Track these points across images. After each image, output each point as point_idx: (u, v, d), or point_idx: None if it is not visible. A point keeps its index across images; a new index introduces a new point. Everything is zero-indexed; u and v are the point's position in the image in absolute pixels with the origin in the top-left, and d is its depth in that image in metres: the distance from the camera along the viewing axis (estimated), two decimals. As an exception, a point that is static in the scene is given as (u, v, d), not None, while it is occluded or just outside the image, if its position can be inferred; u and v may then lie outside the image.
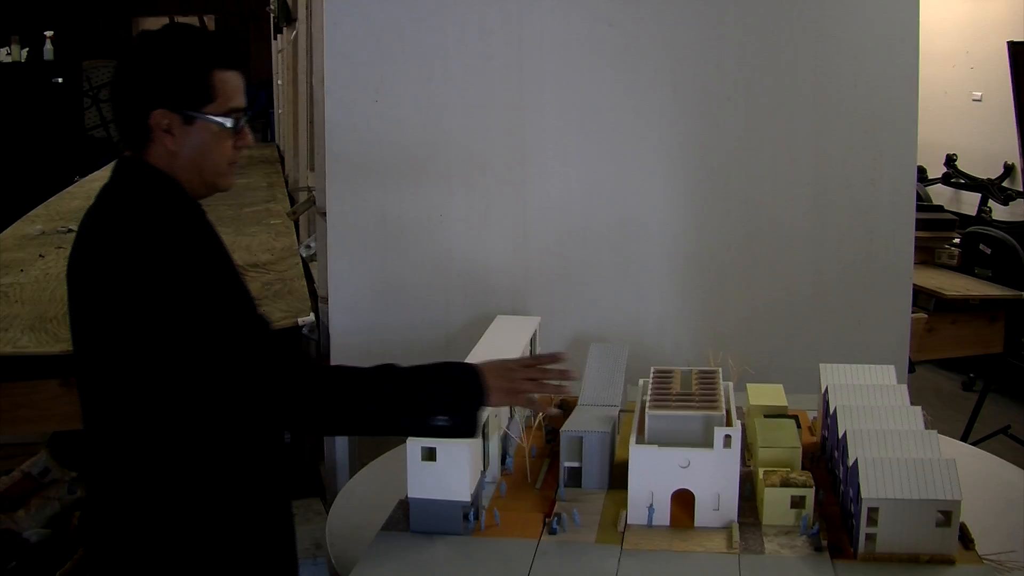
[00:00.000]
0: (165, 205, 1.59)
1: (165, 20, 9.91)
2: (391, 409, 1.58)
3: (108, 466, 1.63)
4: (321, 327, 2.84)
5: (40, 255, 3.66)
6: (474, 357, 2.15)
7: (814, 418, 2.21)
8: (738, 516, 1.73)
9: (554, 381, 1.71)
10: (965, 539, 1.65)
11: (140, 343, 1.52)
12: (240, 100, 1.62)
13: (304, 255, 3.68)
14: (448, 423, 1.59)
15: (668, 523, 1.74)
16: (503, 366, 1.69)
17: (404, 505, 1.77)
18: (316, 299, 2.97)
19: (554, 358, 1.74)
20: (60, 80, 7.88)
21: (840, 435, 1.84)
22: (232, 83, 1.61)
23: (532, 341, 2.36)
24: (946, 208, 4.74)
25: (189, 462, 1.59)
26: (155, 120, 1.57)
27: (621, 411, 2.10)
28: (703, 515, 1.73)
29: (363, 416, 1.59)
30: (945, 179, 5.92)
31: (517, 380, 1.67)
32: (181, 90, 1.57)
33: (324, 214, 2.72)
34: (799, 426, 1.95)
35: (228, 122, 1.60)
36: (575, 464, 1.90)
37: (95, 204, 1.64)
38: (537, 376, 1.70)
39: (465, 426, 1.61)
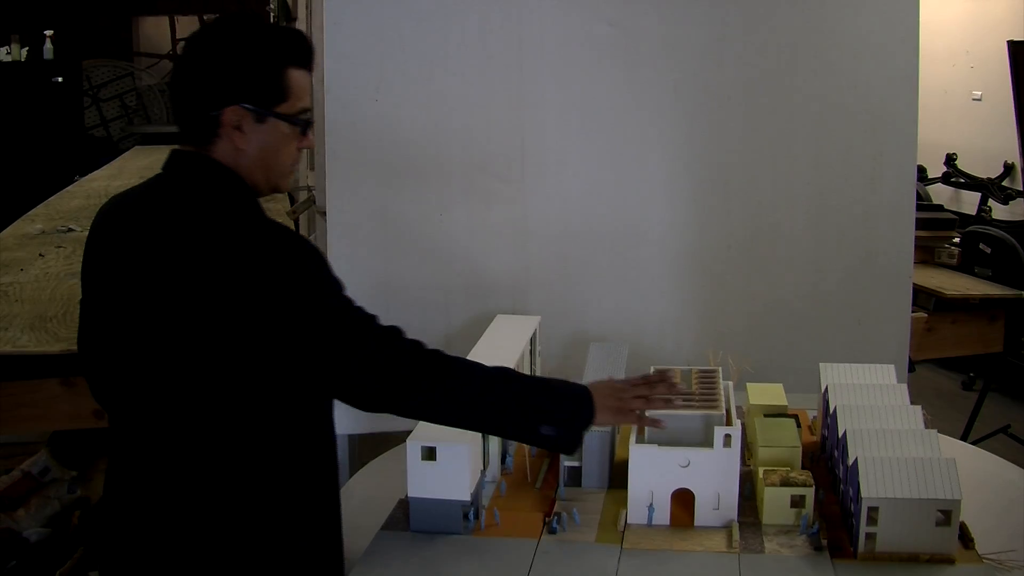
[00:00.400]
0: (239, 200, 1.55)
1: (165, 19, 9.92)
2: (504, 409, 1.57)
3: (164, 454, 1.54)
4: (321, 326, 2.84)
5: (40, 254, 3.66)
6: (474, 358, 2.15)
7: (814, 417, 2.21)
8: (738, 515, 1.74)
9: (663, 396, 1.70)
10: (965, 538, 1.65)
11: (250, 326, 1.45)
12: (308, 100, 1.58)
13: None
14: (553, 433, 1.58)
15: (668, 522, 1.74)
16: (613, 386, 1.69)
17: (404, 504, 1.77)
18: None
19: (663, 377, 1.74)
20: (60, 79, 7.87)
21: (840, 434, 1.84)
22: (303, 83, 1.56)
23: (532, 340, 2.36)
24: (946, 207, 4.73)
25: (254, 453, 1.53)
26: (227, 117, 1.50)
27: (621, 410, 2.10)
28: (703, 514, 1.73)
29: (478, 408, 1.57)
30: (945, 178, 5.91)
31: (626, 399, 1.67)
32: (257, 87, 1.51)
33: (324, 213, 2.72)
34: (799, 425, 1.96)
35: (299, 123, 1.56)
36: (575, 463, 1.90)
37: (153, 198, 1.57)
38: (646, 393, 1.69)
39: (570, 440, 1.61)
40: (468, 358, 1.69)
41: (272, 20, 6.74)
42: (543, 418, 1.58)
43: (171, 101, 1.58)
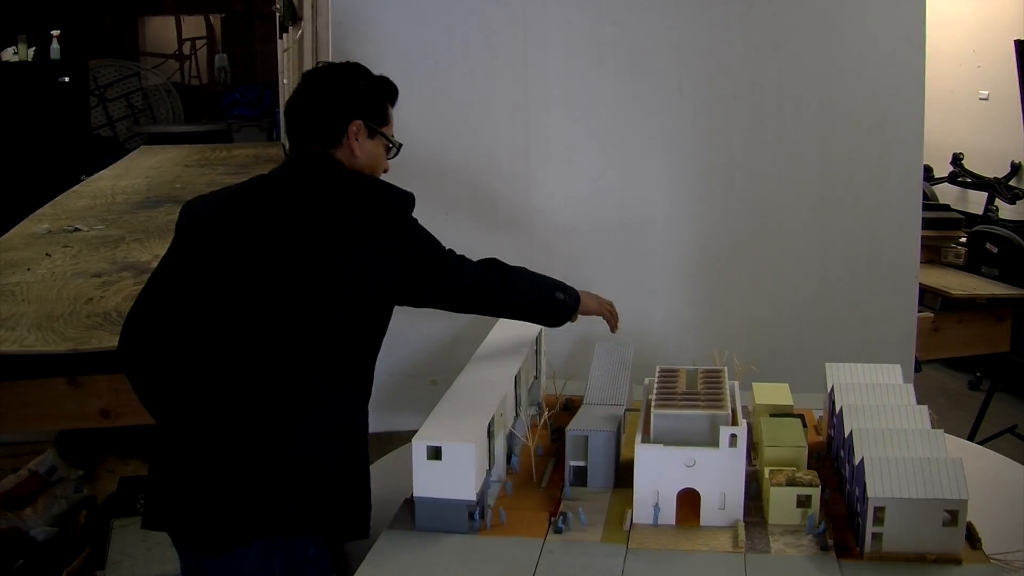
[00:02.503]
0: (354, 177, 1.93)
1: (171, 19, 9.93)
2: (537, 292, 2.09)
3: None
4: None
5: (47, 254, 3.67)
6: (479, 357, 2.16)
7: (820, 417, 2.21)
8: (744, 515, 1.73)
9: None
10: (972, 538, 1.65)
11: (373, 263, 1.84)
12: (392, 132, 2.02)
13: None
14: (564, 297, 2.11)
15: (674, 522, 1.74)
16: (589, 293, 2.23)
17: (410, 504, 1.77)
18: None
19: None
20: (67, 79, 7.88)
21: (846, 434, 1.84)
22: (393, 115, 2.02)
23: (538, 340, 2.36)
24: (952, 207, 4.72)
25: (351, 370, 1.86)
26: (352, 128, 1.91)
27: (626, 410, 2.10)
28: (709, 514, 1.73)
29: (525, 298, 2.07)
30: (951, 178, 5.90)
31: (602, 300, 2.25)
32: (372, 110, 1.95)
33: (330, 213, 2.72)
34: (805, 425, 1.95)
35: (394, 143, 2.00)
36: (581, 463, 1.90)
37: (287, 183, 1.90)
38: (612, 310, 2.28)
39: (573, 301, 2.14)
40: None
41: (278, 20, 6.75)
42: (555, 288, 2.12)
43: (295, 114, 1.96)
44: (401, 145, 2.04)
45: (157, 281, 1.89)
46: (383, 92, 2.01)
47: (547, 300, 2.10)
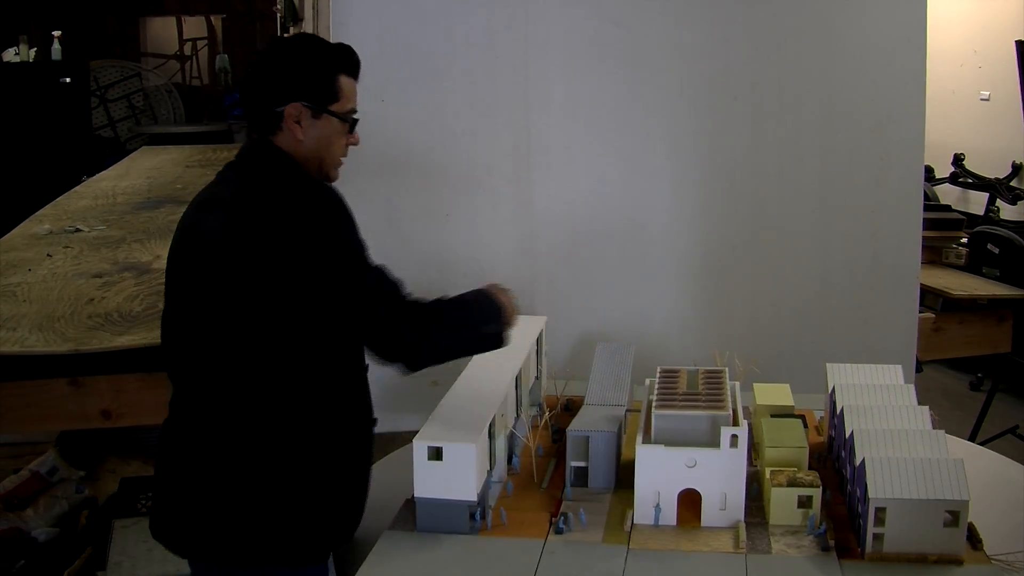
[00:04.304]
0: (292, 172, 1.79)
1: (172, 20, 9.94)
2: (472, 333, 1.88)
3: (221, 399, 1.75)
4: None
5: (48, 254, 3.67)
6: (480, 358, 2.15)
7: (821, 418, 2.21)
8: (745, 516, 1.73)
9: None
10: (973, 539, 1.65)
11: (294, 283, 1.68)
12: (355, 104, 1.86)
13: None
14: (495, 329, 1.89)
15: (675, 523, 1.74)
16: (496, 287, 1.97)
17: (411, 505, 1.77)
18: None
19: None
20: (68, 80, 7.88)
21: (847, 435, 1.84)
22: (351, 88, 1.84)
23: (539, 340, 2.36)
24: (953, 207, 4.72)
25: (298, 393, 1.74)
26: (290, 111, 1.76)
27: (627, 411, 2.10)
28: (710, 515, 1.73)
29: (454, 343, 1.86)
30: (952, 178, 5.89)
31: (509, 295, 1.97)
32: (315, 88, 1.78)
33: (331, 214, 2.72)
34: (806, 426, 1.95)
35: (348, 120, 1.83)
36: (581, 464, 1.90)
37: (228, 179, 1.81)
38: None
39: (502, 328, 1.90)
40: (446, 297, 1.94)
41: (279, 20, 6.75)
42: (482, 322, 1.89)
43: (241, 99, 1.84)
44: (356, 119, 1.86)
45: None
46: (332, 65, 1.82)
47: (476, 340, 1.89)
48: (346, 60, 1.85)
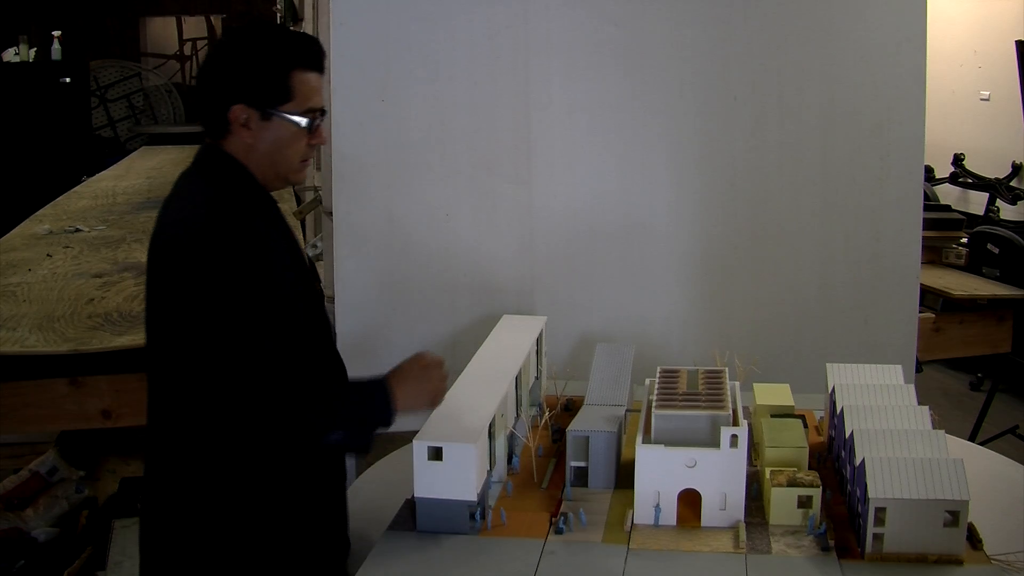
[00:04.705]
0: (238, 195, 1.65)
1: (172, 20, 9.94)
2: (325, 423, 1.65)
3: (166, 445, 1.68)
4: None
5: (48, 255, 3.67)
6: (480, 358, 2.15)
7: (821, 418, 2.21)
8: (745, 516, 1.73)
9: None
10: (973, 539, 1.65)
11: (192, 330, 1.56)
12: (318, 100, 1.69)
13: (311, 254, 3.68)
14: (342, 439, 1.67)
15: (675, 523, 1.74)
16: (421, 367, 1.73)
17: (411, 504, 1.77)
18: (322, 299, 2.98)
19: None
20: (68, 80, 7.89)
21: (847, 435, 1.84)
22: (311, 84, 1.67)
23: (539, 341, 2.36)
24: (953, 207, 4.71)
25: (239, 444, 1.62)
26: (234, 114, 1.63)
27: (627, 411, 2.10)
28: (710, 515, 1.73)
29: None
30: (952, 178, 5.89)
31: (435, 380, 1.74)
32: (261, 88, 1.63)
33: (330, 214, 2.73)
34: (806, 426, 1.95)
35: (303, 121, 1.66)
36: (581, 464, 1.90)
37: (176, 188, 1.70)
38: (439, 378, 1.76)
39: (361, 443, 1.68)
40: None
41: (279, 21, 6.75)
42: (337, 426, 1.65)
43: (195, 99, 1.72)
44: (316, 120, 1.68)
45: None
46: (283, 61, 1.64)
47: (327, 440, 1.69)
48: (302, 53, 1.67)
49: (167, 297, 1.59)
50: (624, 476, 1.88)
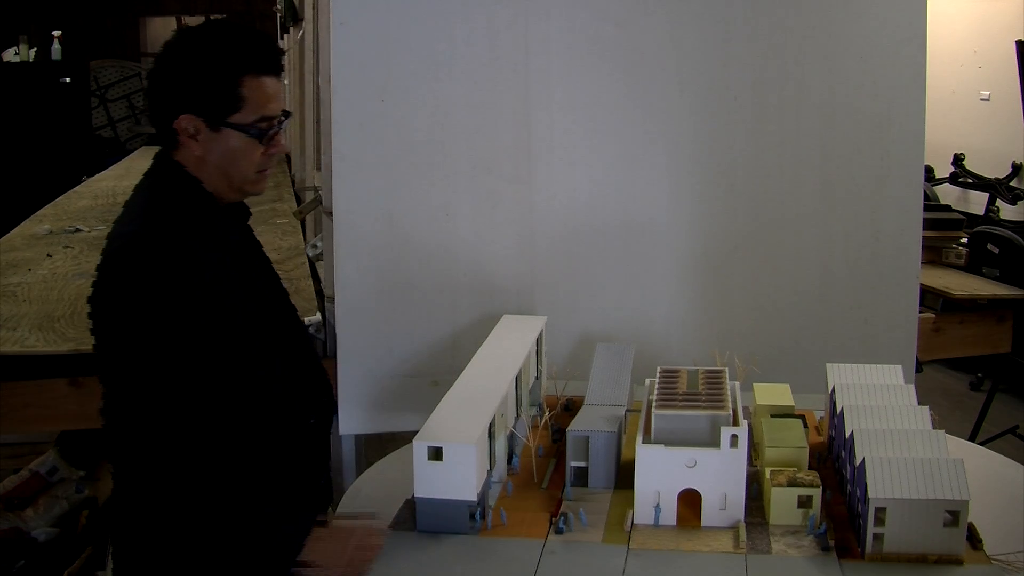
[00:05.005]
0: (182, 213, 1.56)
1: (172, 19, 9.94)
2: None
3: (124, 458, 1.59)
4: (328, 326, 2.84)
5: (48, 254, 3.67)
6: (480, 358, 2.15)
7: (821, 418, 2.21)
8: (745, 516, 1.73)
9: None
10: (973, 539, 1.65)
11: (114, 356, 1.50)
12: (274, 107, 1.58)
13: (310, 254, 3.68)
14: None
15: (675, 523, 1.74)
16: (356, 531, 1.59)
17: (411, 505, 1.77)
18: (323, 299, 2.98)
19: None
20: (68, 80, 7.89)
21: (847, 435, 1.84)
22: (265, 90, 1.56)
23: (539, 341, 2.36)
24: (954, 207, 4.71)
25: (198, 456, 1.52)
26: (181, 125, 1.54)
27: (627, 411, 2.10)
28: (710, 515, 1.73)
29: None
30: (952, 178, 5.89)
31: (361, 551, 1.57)
32: (208, 96, 1.53)
33: (330, 213, 2.73)
34: (806, 426, 1.95)
35: (255, 132, 1.56)
36: (581, 464, 1.90)
37: (131, 199, 1.63)
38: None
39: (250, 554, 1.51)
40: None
41: (279, 20, 6.74)
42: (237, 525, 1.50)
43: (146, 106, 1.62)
44: (271, 128, 1.58)
45: None
46: (232, 67, 1.52)
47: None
48: (254, 57, 1.55)
49: (99, 315, 1.51)
50: (624, 476, 1.88)
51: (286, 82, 6.83)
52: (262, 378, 1.59)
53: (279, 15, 6.69)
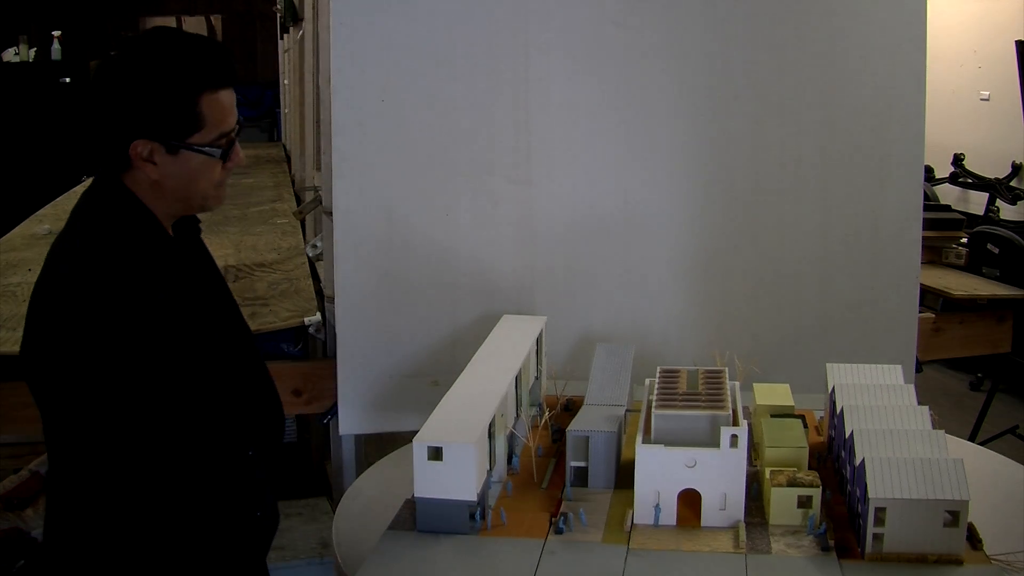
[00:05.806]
0: (120, 249, 1.48)
1: (172, 20, 9.94)
2: None
3: (64, 480, 1.60)
4: (327, 326, 2.85)
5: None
6: (480, 358, 2.15)
7: (821, 418, 2.21)
8: (745, 516, 1.73)
9: None
10: (973, 539, 1.65)
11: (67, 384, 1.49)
12: (230, 121, 1.51)
13: (310, 254, 3.68)
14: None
15: (674, 523, 1.74)
16: None
17: (411, 504, 1.77)
18: (322, 298, 2.98)
19: None
20: (68, 80, 7.90)
21: (847, 435, 1.84)
22: (222, 104, 1.49)
23: (538, 340, 2.36)
24: (953, 207, 4.72)
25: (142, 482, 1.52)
26: (135, 150, 1.46)
27: (627, 411, 2.10)
28: (709, 515, 1.73)
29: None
30: (952, 178, 5.90)
31: None
32: (165, 120, 1.45)
33: (330, 213, 2.73)
34: (806, 426, 1.95)
35: (216, 152, 1.50)
36: (581, 464, 1.90)
37: (65, 229, 1.55)
38: None
39: None
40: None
41: (279, 20, 6.74)
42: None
43: (83, 128, 1.52)
44: (223, 148, 1.50)
45: None
46: (189, 87, 1.44)
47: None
48: (210, 72, 1.47)
49: (34, 362, 1.51)
50: (624, 476, 1.88)
51: (286, 82, 6.84)
52: (199, 413, 1.55)
53: (279, 15, 6.68)
